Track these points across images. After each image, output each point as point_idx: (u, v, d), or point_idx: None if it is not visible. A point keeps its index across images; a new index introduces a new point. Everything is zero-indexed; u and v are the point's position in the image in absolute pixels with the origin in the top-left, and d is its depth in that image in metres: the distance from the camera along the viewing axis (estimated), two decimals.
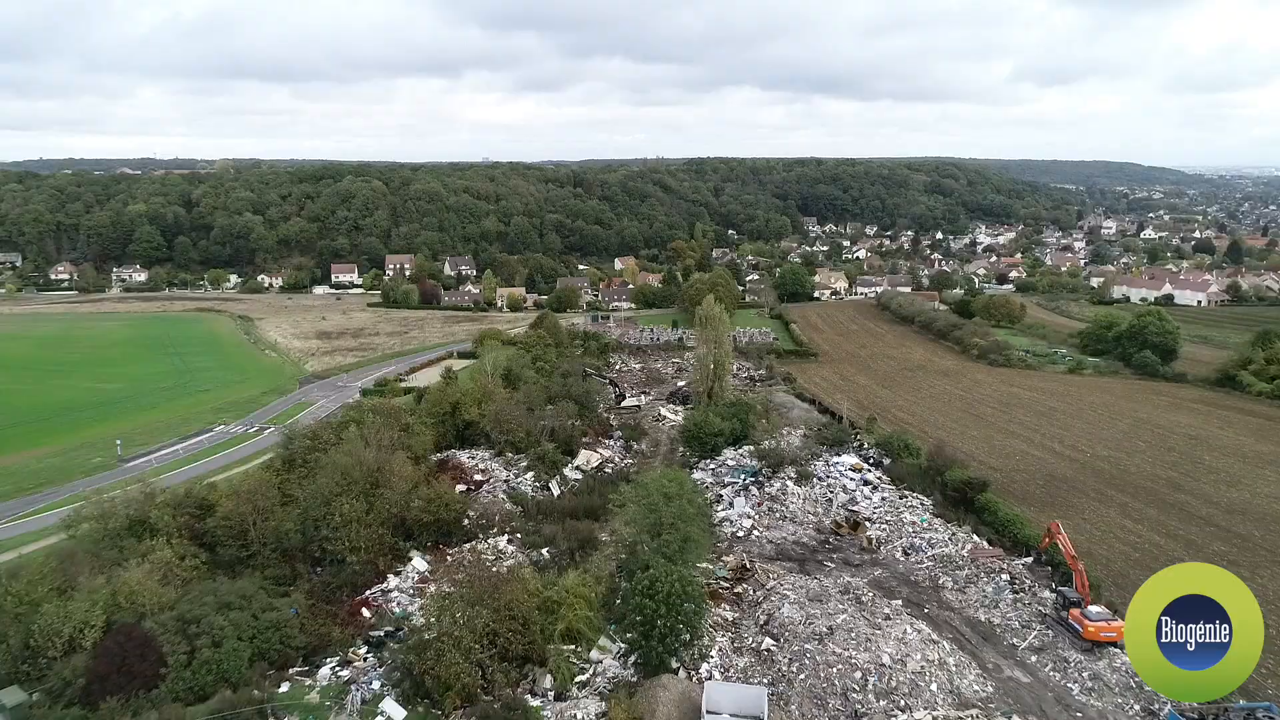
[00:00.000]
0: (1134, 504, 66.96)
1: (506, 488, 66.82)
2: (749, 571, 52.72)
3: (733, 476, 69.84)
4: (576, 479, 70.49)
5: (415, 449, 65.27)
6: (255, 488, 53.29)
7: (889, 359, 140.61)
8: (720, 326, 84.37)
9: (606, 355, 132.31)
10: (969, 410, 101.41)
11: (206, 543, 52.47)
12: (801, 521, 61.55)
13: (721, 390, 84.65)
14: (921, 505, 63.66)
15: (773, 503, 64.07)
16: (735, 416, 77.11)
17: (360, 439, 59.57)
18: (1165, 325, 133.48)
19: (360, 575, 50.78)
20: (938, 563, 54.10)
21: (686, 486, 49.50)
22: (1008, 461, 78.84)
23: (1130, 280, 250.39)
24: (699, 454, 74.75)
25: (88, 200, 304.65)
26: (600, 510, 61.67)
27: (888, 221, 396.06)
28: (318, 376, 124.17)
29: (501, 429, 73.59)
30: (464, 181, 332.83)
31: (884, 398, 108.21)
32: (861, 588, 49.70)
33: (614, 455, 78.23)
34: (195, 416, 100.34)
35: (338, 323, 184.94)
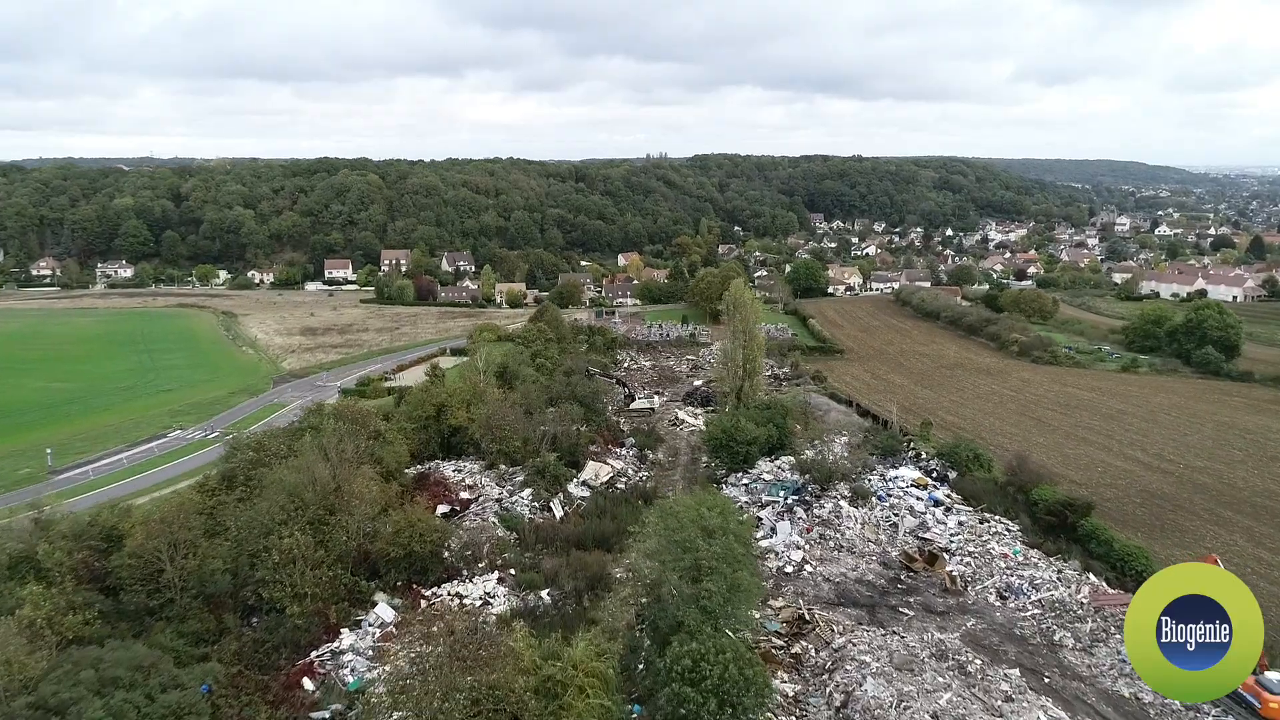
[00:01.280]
0: (1260, 528, 55.24)
1: (499, 509, 55.00)
2: (808, 624, 41.04)
3: (770, 494, 58.03)
4: (583, 497, 58.67)
5: (387, 462, 53.44)
6: (172, 515, 41.56)
7: (921, 356, 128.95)
8: (750, 315, 72.23)
9: (614, 352, 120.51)
10: (1025, 413, 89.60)
11: (110, 586, 40.83)
12: (862, 553, 49.80)
13: (753, 389, 72.50)
14: (1008, 532, 51.91)
15: (824, 528, 52.29)
16: (770, 421, 65.04)
17: (317, 450, 47.87)
18: (1226, 319, 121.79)
19: (304, 630, 39.08)
20: (1047, 610, 42.37)
21: (732, 517, 37.80)
22: (1089, 474, 67.09)
23: (1159, 275, 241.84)
24: (728, 466, 62.78)
25: (73, 194, 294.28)
26: (613, 538, 50.12)
27: (896, 218, 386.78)
28: (295, 375, 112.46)
29: (494, 436, 61.66)
30: (462, 176, 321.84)
31: (926, 399, 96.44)
32: (960, 649, 37.99)
33: (627, 467, 66.32)
34: (149, 420, 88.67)
35: (326, 319, 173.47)
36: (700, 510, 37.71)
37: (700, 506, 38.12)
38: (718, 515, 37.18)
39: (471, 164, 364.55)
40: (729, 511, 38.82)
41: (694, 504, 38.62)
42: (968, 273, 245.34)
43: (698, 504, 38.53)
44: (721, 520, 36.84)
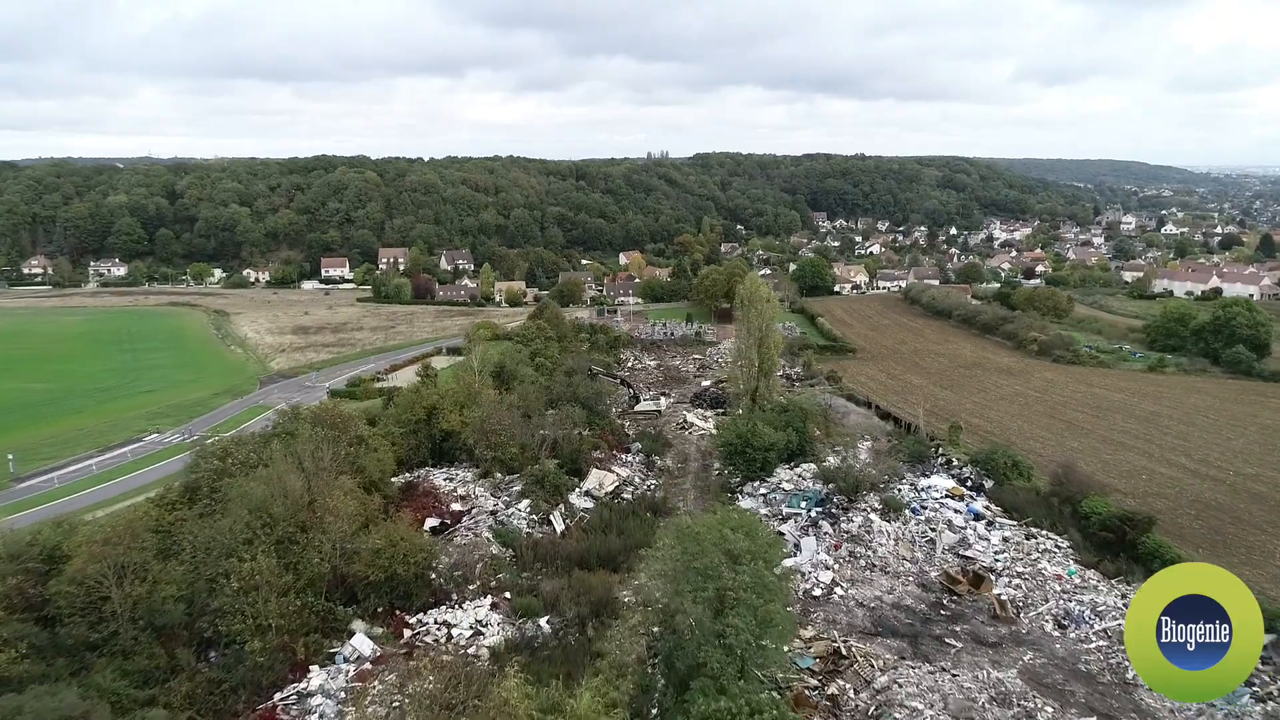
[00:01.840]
0: None
1: (493, 522, 49.92)
2: (844, 659, 36.01)
3: (792, 505, 52.94)
4: (586, 509, 53.51)
5: (370, 471, 48.28)
6: (120, 534, 36.48)
7: (936, 355, 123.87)
8: (766, 310, 66.94)
9: (617, 351, 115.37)
10: (1054, 415, 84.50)
11: (48, 616, 35.80)
12: (897, 572, 44.72)
13: (769, 390, 67.26)
14: (1058, 549, 46.83)
15: (854, 545, 47.19)
16: (789, 425, 59.90)
17: (290, 459, 42.82)
18: (1256, 317, 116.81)
19: (267, 669, 34.03)
20: (1114, 641, 37.34)
21: (762, 539, 32.69)
22: (1133, 483, 61.99)
23: (1172, 273, 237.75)
24: (744, 473, 57.63)
25: (66, 192, 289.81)
26: (621, 556, 45.07)
27: (900, 217, 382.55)
28: (283, 375, 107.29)
29: (489, 442, 56.55)
30: (462, 173, 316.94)
31: (948, 400, 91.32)
32: (1025, 692, 32.95)
33: (633, 475, 61.18)
34: (126, 423, 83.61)
35: (320, 317, 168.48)
36: (724, 531, 32.66)
37: (723, 526, 33.06)
38: (744, 537, 32.11)
39: (471, 162, 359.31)
40: (758, 532, 33.74)
41: (716, 523, 33.55)
42: (977, 271, 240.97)
43: (720, 523, 33.46)
44: (749, 543, 31.79)
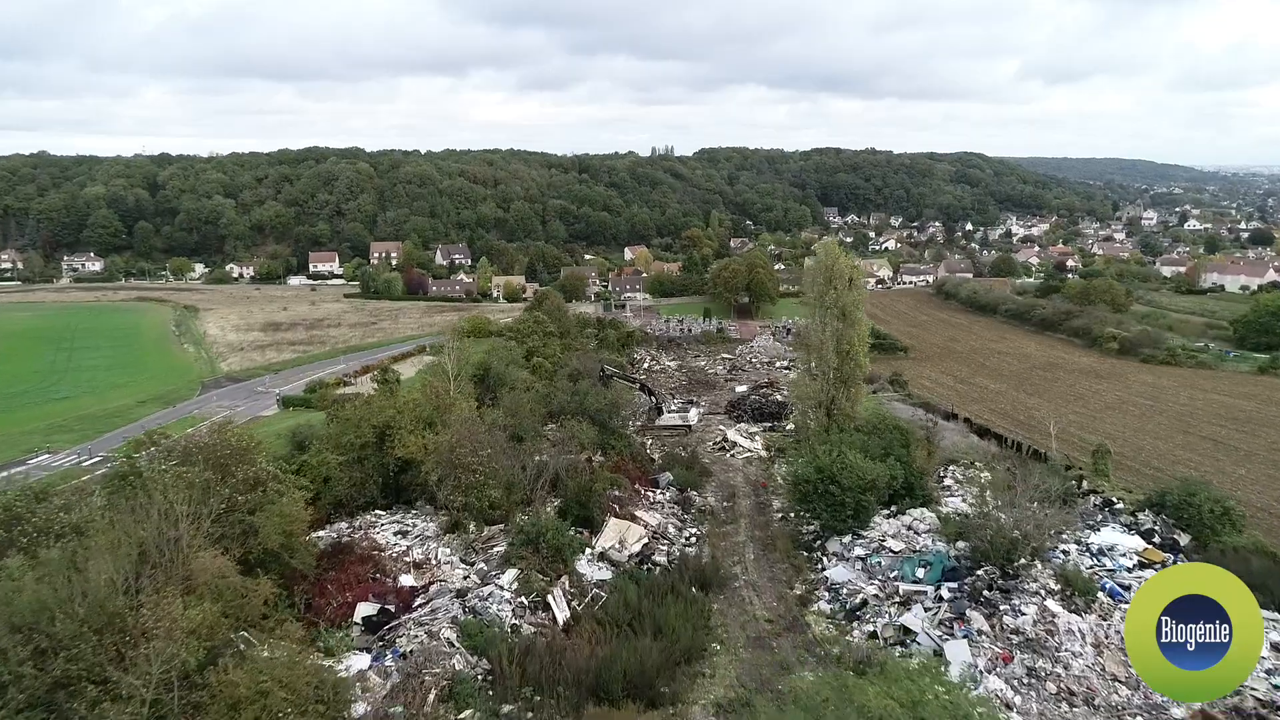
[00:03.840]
0: None
1: (461, 609, 32.69)
2: None
3: (905, 575, 35.67)
4: (602, 581, 36.27)
5: (267, 534, 30.79)
6: None
7: (999, 354, 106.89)
8: (845, 290, 48.07)
9: (630, 350, 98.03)
10: (1186, 429, 67.24)
11: None
12: (1111, 707, 27.48)
13: (851, 403, 49.22)
14: None
15: (1029, 653, 29.92)
16: (889, 453, 42.51)
17: (122, 525, 25.88)
18: None
19: None
20: None
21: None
22: None
23: (1221, 267, 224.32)
24: (825, 523, 40.42)
25: (42, 184, 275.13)
26: (658, 675, 27.90)
27: (913, 212, 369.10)
28: (232, 378, 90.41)
29: (459, 482, 39.20)
30: (459, 165, 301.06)
31: (1038, 409, 74.09)
32: None
33: (666, 523, 43.75)
34: (18, 439, 66.66)
35: (297, 313, 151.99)
36: None
37: (878, 706, 15.89)
38: None
39: (469, 154, 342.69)
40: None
41: (878, 695, 16.45)
42: (1010, 264, 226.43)
43: (878, 697, 16.34)
44: None
